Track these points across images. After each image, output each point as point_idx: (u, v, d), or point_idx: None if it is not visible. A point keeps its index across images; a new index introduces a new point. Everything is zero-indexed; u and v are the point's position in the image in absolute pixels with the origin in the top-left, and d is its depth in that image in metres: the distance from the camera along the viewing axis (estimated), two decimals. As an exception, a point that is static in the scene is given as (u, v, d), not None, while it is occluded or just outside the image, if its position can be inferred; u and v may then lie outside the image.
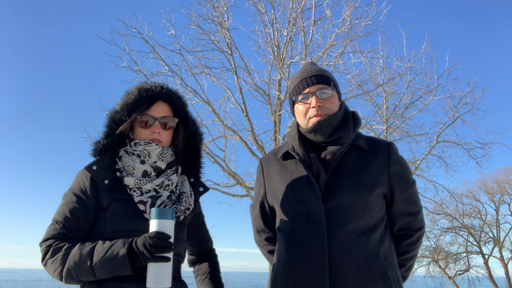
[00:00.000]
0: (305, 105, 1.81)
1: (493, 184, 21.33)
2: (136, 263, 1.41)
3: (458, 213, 19.91)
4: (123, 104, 1.67)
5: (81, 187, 1.60)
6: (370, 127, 12.35)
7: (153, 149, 1.63)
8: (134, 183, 1.58)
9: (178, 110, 1.75)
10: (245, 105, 10.25)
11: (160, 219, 1.42)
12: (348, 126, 1.80)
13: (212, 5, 10.07)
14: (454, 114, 13.00)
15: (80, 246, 1.46)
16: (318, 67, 1.88)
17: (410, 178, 1.83)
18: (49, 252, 1.49)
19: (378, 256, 1.66)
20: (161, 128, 1.67)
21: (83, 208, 1.57)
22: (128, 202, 1.58)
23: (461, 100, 12.82)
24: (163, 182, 1.62)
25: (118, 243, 1.43)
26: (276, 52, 10.08)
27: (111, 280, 1.47)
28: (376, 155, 1.79)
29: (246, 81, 10.34)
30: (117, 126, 1.66)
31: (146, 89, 1.68)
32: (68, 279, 1.46)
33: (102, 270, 1.41)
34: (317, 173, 1.75)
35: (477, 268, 20.17)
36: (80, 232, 1.55)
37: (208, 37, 10.23)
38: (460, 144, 13.48)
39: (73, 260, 1.43)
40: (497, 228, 20.67)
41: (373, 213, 1.72)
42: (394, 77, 12.09)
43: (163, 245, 1.38)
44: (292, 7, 9.87)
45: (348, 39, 9.99)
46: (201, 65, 10.30)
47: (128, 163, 1.63)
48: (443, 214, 19.52)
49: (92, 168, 1.60)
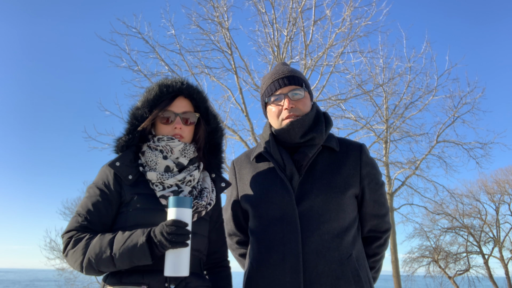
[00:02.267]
0: (278, 107, 1.81)
1: (493, 184, 21.35)
2: (155, 251, 1.43)
3: (458, 213, 19.91)
4: (144, 100, 1.69)
5: (104, 181, 1.62)
6: (370, 127, 12.35)
7: (175, 145, 1.65)
8: (156, 177, 1.60)
9: (199, 105, 1.76)
10: (245, 105, 10.24)
11: (177, 207, 1.44)
12: (320, 127, 1.80)
13: (212, 5, 10.07)
14: (454, 114, 13.01)
15: (101, 237, 1.49)
16: (290, 68, 1.87)
17: (380, 179, 1.86)
18: (70, 243, 1.51)
19: (351, 258, 1.68)
20: (182, 123, 1.69)
21: (105, 202, 1.59)
22: (150, 196, 1.60)
23: (461, 100, 12.85)
24: (185, 178, 1.64)
25: (138, 232, 1.45)
26: (276, 52, 10.06)
27: (131, 275, 1.49)
28: (348, 156, 1.80)
29: (246, 81, 10.34)
30: (138, 122, 1.67)
31: (167, 85, 1.69)
32: (88, 269, 1.47)
33: (121, 259, 1.43)
34: (290, 175, 1.75)
35: (477, 268, 20.18)
36: (101, 225, 1.57)
37: (208, 37, 10.23)
38: (460, 144, 13.49)
39: (93, 250, 1.45)
40: (497, 228, 20.67)
41: (346, 215, 1.73)
42: (394, 77, 12.11)
43: (180, 233, 1.40)
44: (292, 7, 9.86)
45: (348, 39, 9.99)
46: (201, 65, 10.31)
47: (151, 158, 1.65)
48: (443, 214, 19.52)
49: (115, 164, 1.62)
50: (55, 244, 20.18)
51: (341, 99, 11.09)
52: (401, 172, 13.36)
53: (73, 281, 20.34)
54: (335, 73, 10.44)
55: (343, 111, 12.16)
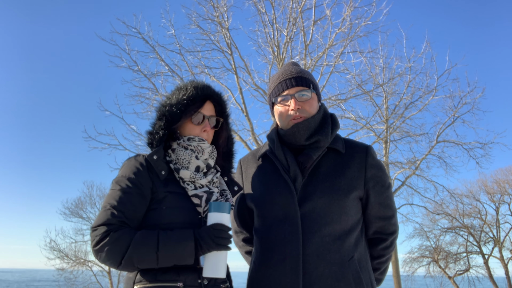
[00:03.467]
0: (284, 107, 1.81)
1: (493, 184, 21.34)
2: (198, 252, 1.50)
3: (458, 213, 19.91)
4: (179, 99, 1.70)
5: (136, 175, 1.60)
6: (370, 127, 12.34)
7: (206, 146, 1.71)
8: (189, 176, 1.64)
9: (222, 111, 1.82)
10: (245, 105, 10.24)
11: (219, 212, 1.54)
12: (326, 129, 1.80)
13: (212, 5, 10.07)
14: (454, 114, 13.00)
15: (144, 234, 1.49)
16: (299, 68, 1.87)
17: (386, 182, 1.84)
18: (107, 238, 1.47)
19: (352, 260, 1.68)
20: (210, 127, 1.74)
21: (139, 197, 1.58)
22: (182, 195, 1.63)
23: (461, 100, 12.83)
24: (212, 179, 1.70)
25: (185, 233, 1.50)
26: (276, 52, 10.06)
27: (166, 272, 1.51)
28: (353, 158, 1.79)
29: (246, 81, 10.34)
30: (171, 118, 1.68)
31: (201, 88, 1.74)
32: (126, 266, 1.48)
33: (166, 258, 1.47)
34: (294, 176, 1.75)
35: (477, 268, 20.18)
36: (135, 220, 1.56)
37: (208, 37, 10.23)
38: (460, 144, 13.48)
39: (137, 248, 1.46)
40: (497, 228, 20.66)
41: (349, 217, 1.73)
42: (394, 77, 12.10)
43: (225, 237, 1.50)
44: (292, 7, 9.86)
45: (348, 39, 9.98)
46: (201, 65, 10.31)
47: (183, 156, 1.67)
48: (443, 214, 19.52)
49: (153, 157, 1.62)
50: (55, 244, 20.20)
51: (341, 99, 11.09)
52: (401, 172, 13.35)
53: (73, 281, 20.34)
54: (335, 73, 10.45)
55: (343, 111, 12.15)
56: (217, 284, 1.60)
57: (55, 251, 20.16)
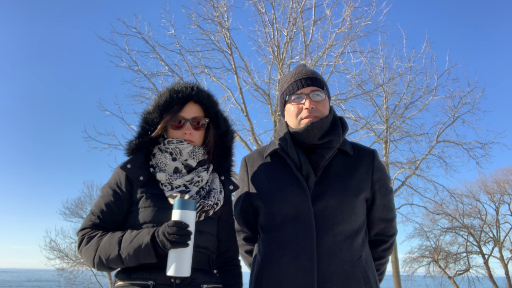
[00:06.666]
0: (298, 106, 1.82)
1: (493, 184, 21.34)
2: (158, 251, 1.50)
3: (458, 213, 19.91)
4: (155, 105, 1.75)
5: (117, 181, 1.71)
6: (370, 127, 12.35)
7: (184, 147, 1.72)
8: (165, 178, 1.68)
9: (209, 109, 1.81)
10: (245, 105, 10.25)
11: (181, 209, 1.50)
12: (338, 131, 1.82)
13: (212, 5, 10.08)
14: (454, 114, 13.01)
15: (111, 235, 1.58)
16: (311, 70, 1.90)
17: (389, 185, 1.90)
18: (84, 240, 1.61)
19: (360, 259, 1.72)
20: (192, 128, 1.75)
21: (117, 201, 1.68)
22: (159, 196, 1.67)
23: (461, 100, 12.85)
24: (193, 179, 1.71)
25: (143, 232, 1.53)
26: (276, 52, 10.07)
27: (139, 271, 1.56)
28: (361, 161, 1.83)
29: (246, 81, 10.36)
30: (149, 126, 1.75)
31: (177, 91, 1.75)
32: (99, 266, 1.57)
33: (129, 257, 1.51)
34: (306, 175, 1.76)
35: (477, 268, 20.19)
36: (113, 223, 1.66)
37: (208, 37, 10.24)
38: (460, 144, 13.48)
39: (104, 248, 1.55)
40: (497, 228, 20.67)
41: (357, 217, 1.76)
42: (394, 77, 12.11)
43: (181, 234, 1.46)
44: (292, 7, 9.87)
45: (348, 39, 10.00)
46: (201, 65, 10.33)
47: (160, 160, 1.73)
48: (443, 214, 19.52)
49: (127, 166, 1.70)
50: (55, 244, 20.17)
51: (341, 99, 11.09)
52: (401, 172, 13.36)
53: (73, 281, 20.32)
54: (335, 73, 10.47)
55: (343, 111, 12.15)
56: (193, 282, 1.58)
57: (55, 251, 20.14)
